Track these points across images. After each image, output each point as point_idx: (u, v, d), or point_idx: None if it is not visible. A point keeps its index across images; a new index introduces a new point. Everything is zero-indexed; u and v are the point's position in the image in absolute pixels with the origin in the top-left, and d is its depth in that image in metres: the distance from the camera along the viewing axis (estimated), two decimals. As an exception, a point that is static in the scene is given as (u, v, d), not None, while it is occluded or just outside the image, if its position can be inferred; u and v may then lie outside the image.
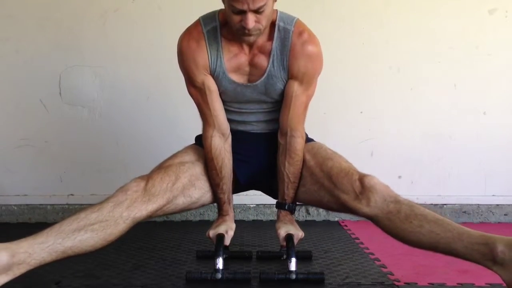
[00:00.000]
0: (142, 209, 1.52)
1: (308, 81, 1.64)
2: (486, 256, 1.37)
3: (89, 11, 2.46)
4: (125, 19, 2.47)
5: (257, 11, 1.46)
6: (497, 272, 1.37)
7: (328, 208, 1.72)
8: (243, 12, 1.45)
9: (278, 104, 1.70)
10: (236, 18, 1.48)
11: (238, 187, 1.85)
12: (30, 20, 2.45)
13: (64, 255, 1.38)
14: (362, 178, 1.57)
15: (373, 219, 1.55)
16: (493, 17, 2.52)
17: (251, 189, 1.90)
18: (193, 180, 1.68)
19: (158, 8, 2.47)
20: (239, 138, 1.76)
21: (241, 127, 1.76)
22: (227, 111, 1.72)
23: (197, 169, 1.70)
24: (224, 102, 1.70)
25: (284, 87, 1.65)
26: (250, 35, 1.51)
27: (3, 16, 2.45)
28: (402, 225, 1.49)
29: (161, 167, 1.66)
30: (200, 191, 1.70)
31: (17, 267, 1.30)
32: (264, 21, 1.50)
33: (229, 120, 1.73)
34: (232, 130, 1.74)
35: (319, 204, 1.74)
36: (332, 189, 1.62)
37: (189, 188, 1.66)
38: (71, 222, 1.41)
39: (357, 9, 2.51)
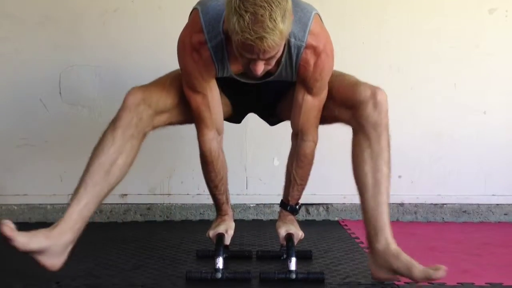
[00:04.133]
0: (149, 122, 1.60)
1: (319, 88, 1.60)
2: (370, 241, 1.54)
3: (89, 10, 2.46)
4: (125, 18, 2.47)
5: (267, 59, 1.37)
6: (368, 255, 1.57)
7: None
8: (252, 59, 1.37)
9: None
10: (244, 61, 1.39)
11: (234, 119, 1.85)
12: (30, 20, 2.45)
13: (105, 197, 1.55)
14: (374, 88, 1.57)
15: (352, 127, 1.61)
16: (493, 16, 2.52)
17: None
18: None
19: (158, 7, 2.47)
20: (238, 83, 1.64)
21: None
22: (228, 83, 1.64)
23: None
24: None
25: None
26: (257, 75, 1.44)
27: (3, 15, 2.45)
28: (359, 158, 1.57)
29: (163, 83, 1.65)
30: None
31: (77, 234, 1.50)
32: (274, 61, 1.42)
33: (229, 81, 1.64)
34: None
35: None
36: (329, 104, 1.64)
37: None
38: (98, 170, 1.52)
39: (357, 9, 2.51)
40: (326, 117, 1.69)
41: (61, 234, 1.45)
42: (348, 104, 1.60)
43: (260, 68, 1.38)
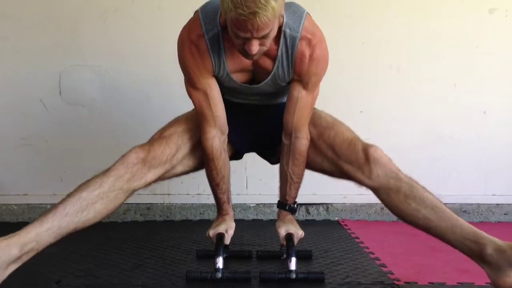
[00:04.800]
0: (141, 181, 1.58)
1: (314, 83, 1.62)
2: (475, 253, 1.47)
3: (89, 10, 2.46)
4: (125, 18, 2.47)
5: (261, 38, 1.40)
6: (483, 268, 1.46)
7: (330, 175, 1.75)
8: (246, 38, 1.40)
9: (284, 89, 1.67)
10: (239, 42, 1.43)
11: (235, 155, 1.87)
12: (30, 20, 2.45)
13: (67, 234, 1.45)
14: (366, 149, 1.60)
15: (374, 191, 1.61)
16: (493, 16, 2.52)
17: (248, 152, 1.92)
18: (193, 150, 1.69)
19: (158, 7, 2.47)
20: (236, 108, 1.72)
21: (240, 101, 1.73)
22: (227, 95, 1.69)
23: (199, 137, 1.69)
24: (226, 92, 1.68)
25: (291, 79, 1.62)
26: (253, 57, 1.47)
27: (3, 15, 2.45)
28: (400, 204, 1.56)
29: (163, 136, 1.67)
30: (199, 160, 1.72)
31: (26, 255, 1.37)
32: (269, 42, 1.45)
33: (228, 99, 1.70)
34: (228, 101, 1.70)
35: (320, 171, 1.76)
36: (336, 160, 1.66)
37: (188, 158, 1.70)
38: (74, 203, 1.47)
39: (357, 9, 2.51)
40: (333, 172, 1.71)
41: (9, 246, 1.32)
42: (351, 162, 1.63)
43: (255, 47, 1.40)
